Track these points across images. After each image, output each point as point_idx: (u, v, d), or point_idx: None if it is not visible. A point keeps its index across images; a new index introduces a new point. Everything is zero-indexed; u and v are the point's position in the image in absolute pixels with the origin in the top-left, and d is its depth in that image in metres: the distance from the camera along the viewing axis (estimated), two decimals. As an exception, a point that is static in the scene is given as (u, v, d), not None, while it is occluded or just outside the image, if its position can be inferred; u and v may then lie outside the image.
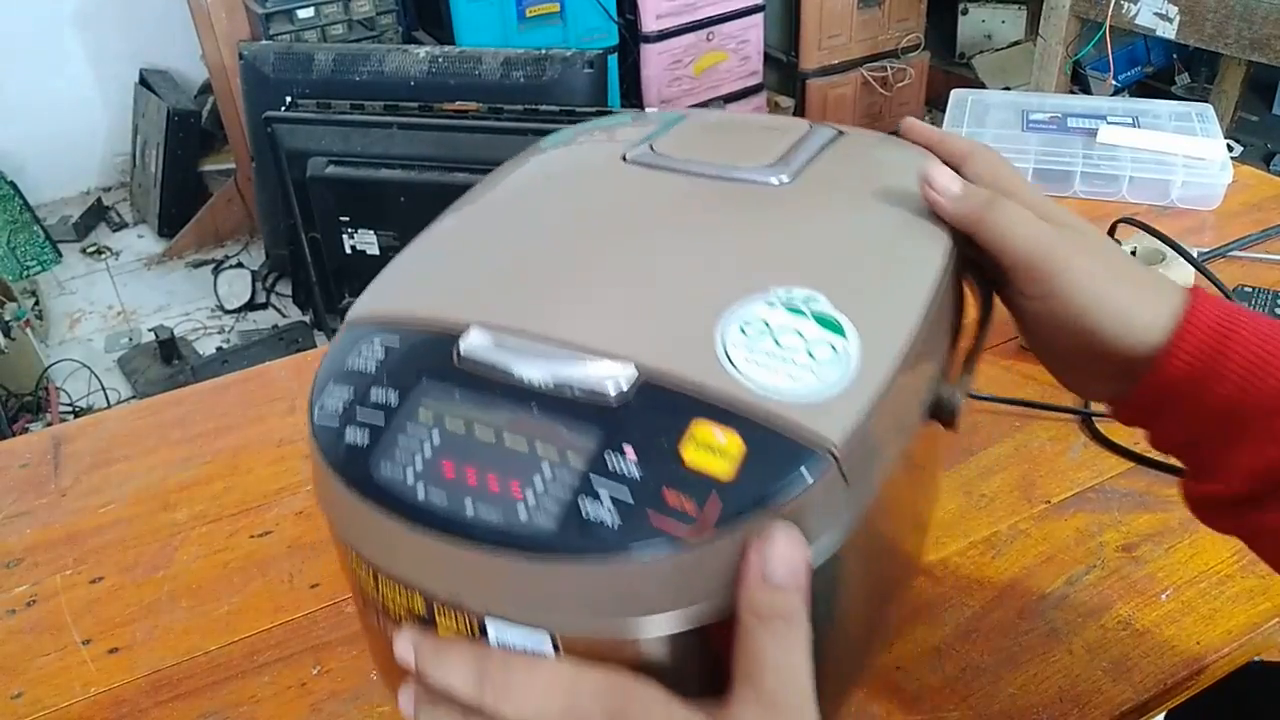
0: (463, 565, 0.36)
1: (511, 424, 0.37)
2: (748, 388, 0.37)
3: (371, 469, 0.37)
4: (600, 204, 0.50)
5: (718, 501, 0.34)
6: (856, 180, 0.50)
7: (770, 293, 0.40)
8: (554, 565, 0.34)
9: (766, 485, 0.35)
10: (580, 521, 0.34)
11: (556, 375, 0.37)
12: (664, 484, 0.34)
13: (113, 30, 2.86)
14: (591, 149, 0.56)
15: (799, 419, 0.36)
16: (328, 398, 0.41)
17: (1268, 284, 0.83)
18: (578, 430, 0.36)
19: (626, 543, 0.34)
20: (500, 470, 0.36)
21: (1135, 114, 1.07)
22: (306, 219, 2.06)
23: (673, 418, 0.36)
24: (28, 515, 0.70)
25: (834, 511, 0.37)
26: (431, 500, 0.36)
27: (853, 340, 0.39)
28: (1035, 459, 0.69)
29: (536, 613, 0.36)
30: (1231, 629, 0.56)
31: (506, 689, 0.35)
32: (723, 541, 0.34)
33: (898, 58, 2.98)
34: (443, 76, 1.99)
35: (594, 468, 0.35)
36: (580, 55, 1.98)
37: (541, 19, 2.44)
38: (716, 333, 0.39)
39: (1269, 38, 2.01)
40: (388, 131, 1.94)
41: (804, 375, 0.37)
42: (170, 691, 0.57)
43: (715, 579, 0.35)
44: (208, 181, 2.81)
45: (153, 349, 2.33)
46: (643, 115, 0.58)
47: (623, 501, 0.34)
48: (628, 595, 0.35)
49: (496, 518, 0.35)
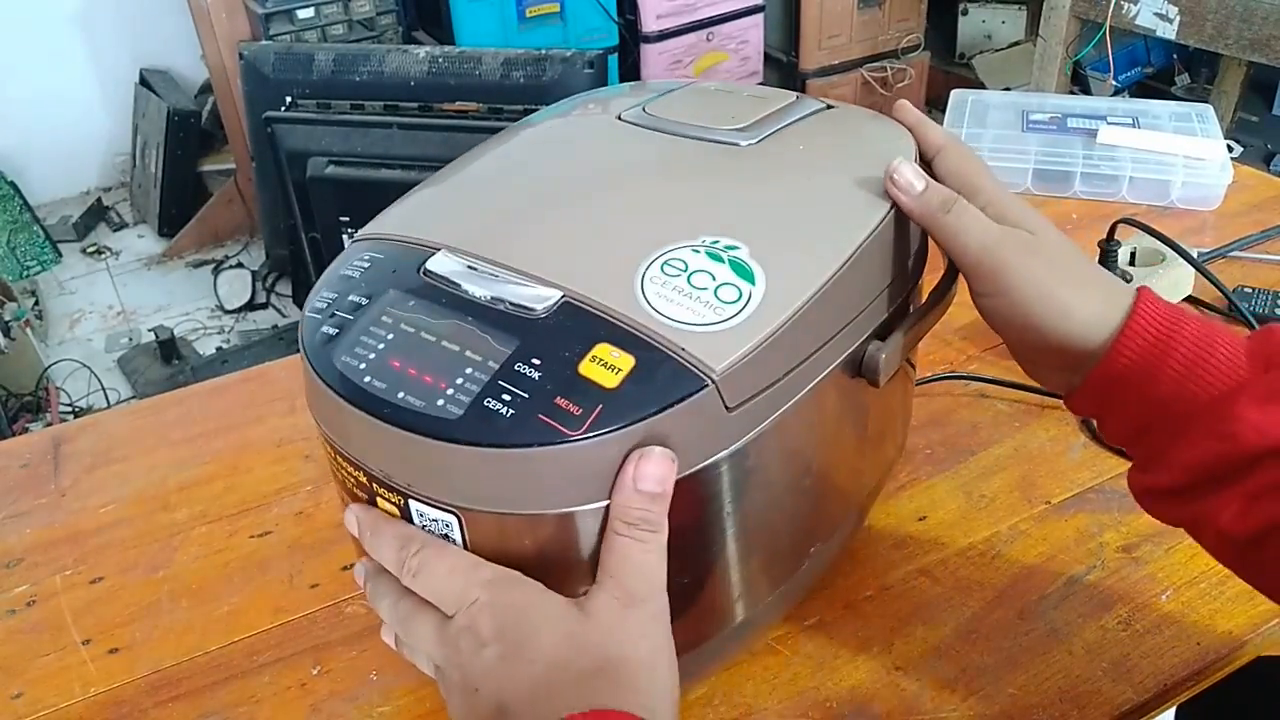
0: (391, 445, 0.42)
1: (451, 330, 0.43)
2: (652, 316, 0.42)
3: (334, 358, 0.44)
4: (584, 156, 0.57)
5: (599, 408, 0.40)
6: (821, 147, 0.55)
7: (700, 239, 0.45)
8: (459, 450, 0.40)
9: (647, 399, 0.40)
10: (482, 413, 0.40)
11: (494, 292, 0.44)
12: (558, 389, 0.40)
13: (113, 30, 2.86)
14: (599, 107, 0.62)
15: (686, 346, 0.41)
16: (317, 298, 0.48)
17: (1268, 284, 0.83)
18: (500, 339, 0.42)
19: (517, 435, 0.40)
20: (434, 367, 0.42)
21: (1135, 114, 1.07)
22: (306, 219, 2.06)
23: (580, 336, 0.42)
24: (28, 515, 0.70)
25: (713, 431, 0.42)
26: (374, 387, 0.42)
27: (759, 287, 0.44)
28: (1035, 459, 0.69)
29: (445, 493, 0.42)
30: (1232, 629, 0.56)
31: (418, 568, 0.42)
32: (602, 442, 0.40)
33: (898, 58, 2.98)
34: (443, 76, 1.99)
35: (504, 370, 0.41)
36: (580, 55, 1.98)
37: (541, 19, 2.44)
38: (640, 269, 0.44)
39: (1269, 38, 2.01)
40: (388, 132, 1.94)
41: (704, 311, 0.42)
42: (170, 691, 0.57)
43: (593, 474, 0.41)
44: (208, 181, 2.81)
45: (153, 349, 2.33)
46: (661, 83, 0.64)
47: (520, 400, 0.40)
48: (519, 482, 0.41)
49: (419, 405, 0.41)
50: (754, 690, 0.55)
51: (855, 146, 0.56)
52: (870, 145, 0.55)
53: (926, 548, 0.63)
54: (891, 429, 0.60)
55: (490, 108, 1.93)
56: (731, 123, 0.55)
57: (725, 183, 0.52)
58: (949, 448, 0.70)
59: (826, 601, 0.60)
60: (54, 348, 2.43)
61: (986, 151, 1.02)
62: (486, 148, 0.59)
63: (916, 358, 0.63)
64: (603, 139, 0.58)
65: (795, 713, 0.54)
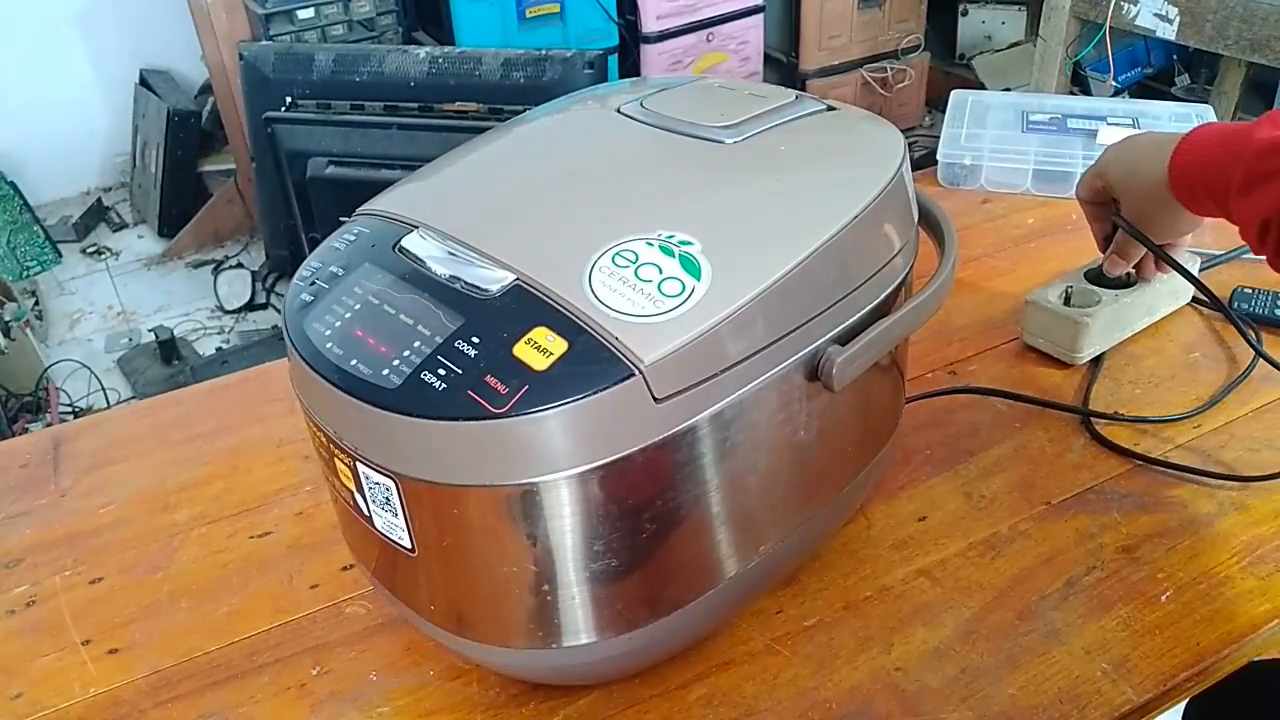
0: (341, 410, 0.45)
1: (408, 304, 0.45)
2: (592, 304, 0.43)
3: (305, 324, 0.47)
4: (572, 148, 0.59)
5: (524, 389, 0.41)
6: (803, 148, 0.56)
7: (656, 233, 0.46)
8: (395, 418, 0.42)
9: (573, 384, 0.41)
10: (418, 385, 0.42)
11: (453, 271, 0.46)
12: (490, 368, 0.42)
13: (113, 30, 2.86)
14: (598, 102, 0.63)
15: (620, 335, 0.42)
16: (305, 266, 0.50)
17: (1268, 285, 0.83)
18: (448, 316, 0.44)
19: (446, 408, 0.41)
20: (388, 338, 0.44)
21: (1135, 115, 1.06)
22: (306, 219, 2.06)
23: (522, 318, 0.43)
24: (28, 515, 0.70)
25: (639, 421, 0.43)
26: (333, 353, 0.45)
27: (704, 283, 0.45)
28: (1035, 460, 0.69)
29: (384, 458, 0.44)
30: (1231, 630, 0.56)
31: None
32: (524, 421, 0.41)
33: (898, 58, 2.98)
34: (443, 77, 1.99)
35: (444, 346, 0.43)
36: (580, 56, 1.98)
37: (542, 19, 2.44)
38: (592, 258, 0.45)
39: (1269, 39, 2.01)
40: (388, 132, 1.94)
41: (644, 303, 0.43)
42: (170, 692, 0.57)
43: (516, 452, 0.42)
44: (208, 182, 2.81)
45: (153, 349, 2.33)
46: (664, 79, 0.65)
47: (453, 375, 0.42)
48: (448, 454, 0.43)
49: (366, 374, 0.43)
50: (754, 690, 0.55)
51: (839, 149, 0.57)
52: (855, 149, 0.56)
53: (926, 548, 0.63)
54: (868, 434, 0.59)
55: (490, 108, 1.93)
56: (719, 120, 0.56)
57: (698, 179, 0.53)
58: (949, 448, 0.70)
59: (826, 602, 0.60)
60: (54, 348, 2.42)
61: (987, 152, 1.02)
62: (487, 137, 0.60)
63: (910, 360, 0.63)
64: (592, 133, 0.59)
65: (795, 713, 0.54)
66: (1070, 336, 0.76)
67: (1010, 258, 0.92)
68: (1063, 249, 0.92)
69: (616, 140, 0.57)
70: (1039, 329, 0.78)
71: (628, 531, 0.47)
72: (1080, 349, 0.76)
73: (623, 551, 0.47)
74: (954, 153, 1.03)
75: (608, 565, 0.47)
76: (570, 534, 0.45)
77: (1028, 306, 0.79)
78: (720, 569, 0.52)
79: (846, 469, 0.58)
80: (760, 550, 0.53)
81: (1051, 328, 0.77)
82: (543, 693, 0.55)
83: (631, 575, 0.49)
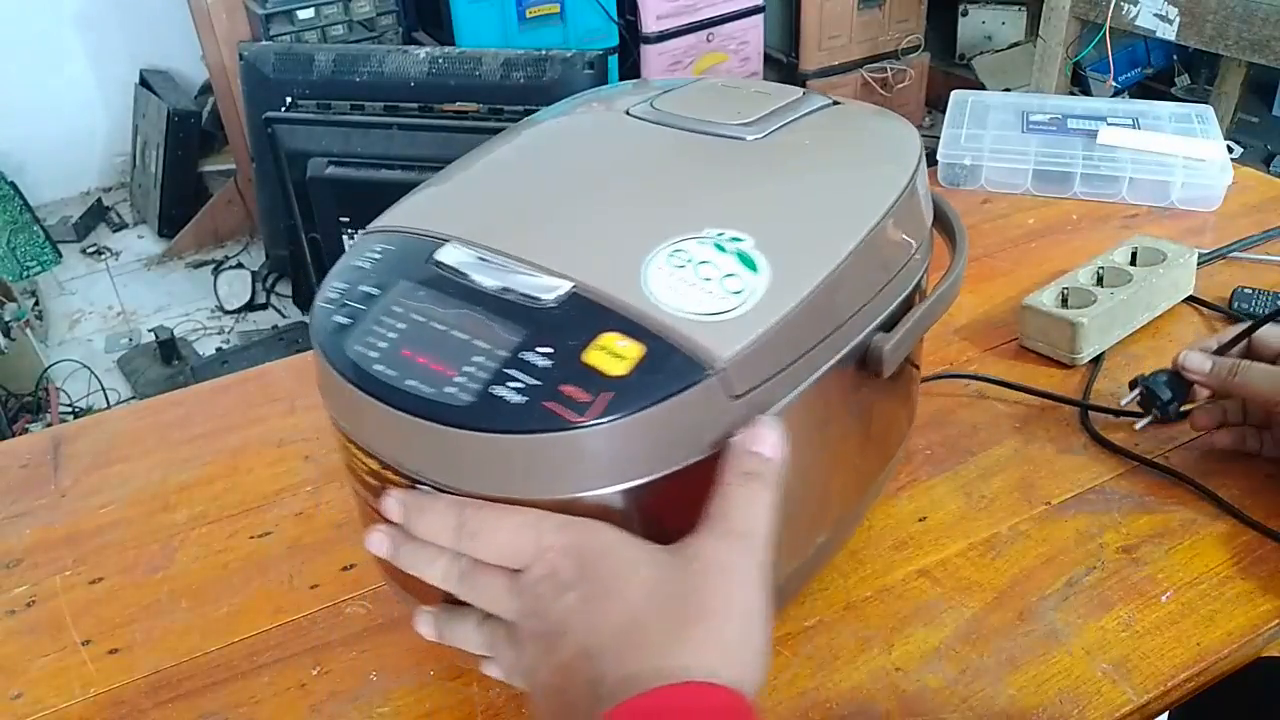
0: (400, 432, 0.43)
1: (460, 319, 0.44)
2: (658, 306, 0.42)
3: (346, 347, 0.45)
4: (592, 150, 0.57)
5: (606, 395, 0.40)
6: (826, 142, 0.56)
7: (706, 232, 0.46)
8: (466, 436, 0.41)
9: (653, 387, 0.41)
10: (490, 400, 0.40)
11: (503, 283, 0.45)
12: (565, 377, 0.41)
13: (113, 31, 2.86)
14: (604, 104, 0.63)
15: (692, 335, 0.42)
16: (328, 289, 0.48)
17: (1268, 285, 0.83)
18: (508, 328, 0.43)
19: (524, 421, 0.40)
20: (443, 355, 0.43)
21: (1135, 115, 1.07)
22: (306, 219, 2.06)
23: (587, 325, 0.42)
24: (28, 515, 0.70)
25: (717, 421, 0.43)
26: (385, 374, 0.43)
27: (763, 278, 0.44)
28: (1035, 460, 0.69)
29: (452, 479, 0.42)
30: (1232, 630, 0.56)
31: (479, 529, 0.41)
32: (609, 429, 0.40)
33: (898, 59, 2.98)
34: (443, 77, 1.98)
35: (512, 358, 0.41)
36: (580, 56, 1.98)
37: (542, 20, 2.44)
38: (646, 260, 0.44)
39: (1269, 39, 2.01)
40: (388, 132, 1.93)
41: (710, 301, 0.43)
42: (170, 692, 0.57)
43: (600, 461, 0.41)
44: (208, 182, 2.81)
45: (153, 349, 2.33)
46: (665, 80, 0.65)
47: (528, 387, 0.40)
48: (526, 469, 0.41)
49: (428, 392, 0.41)
50: (754, 691, 0.55)
51: (859, 141, 0.57)
52: (874, 140, 0.57)
53: (926, 548, 0.63)
54: (895, 425, 0.60)
55: (490, 108, 1.93)
56: (738, 118, 0.56)
57: (731, 176, 0.53)
58: (949, 448, 0.70)
59: (826, 602, 0.60)
60: (54, 348, 2.43)
61: (987, 153, 1.02)
62: (493, 144, 0.59)
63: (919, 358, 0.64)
64: (610, 133, 0.58)
65: (795, 713, 0.54)
66: (1068, 337, 0.76)
67: (1010, 258, 0.92)
68: (1063, 249, 0.92)
69: (636, 142, 0.57)
70: (1037, 332, 0.78)
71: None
72: (1078, 349, 0.76)
73: None
74: (954, 153, 1.03)
75: None
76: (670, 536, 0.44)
77: (1024, 311, 0.79)
78: (781, 566, 0.52)
79: (881, 459, 0.59)
80: (815, 543, 0.54)
81: (1049, 330, 0.77)
82: (543, 693, 0.55)
83: None
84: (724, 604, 0.39)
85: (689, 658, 0.37)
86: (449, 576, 0.43)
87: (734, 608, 0.39)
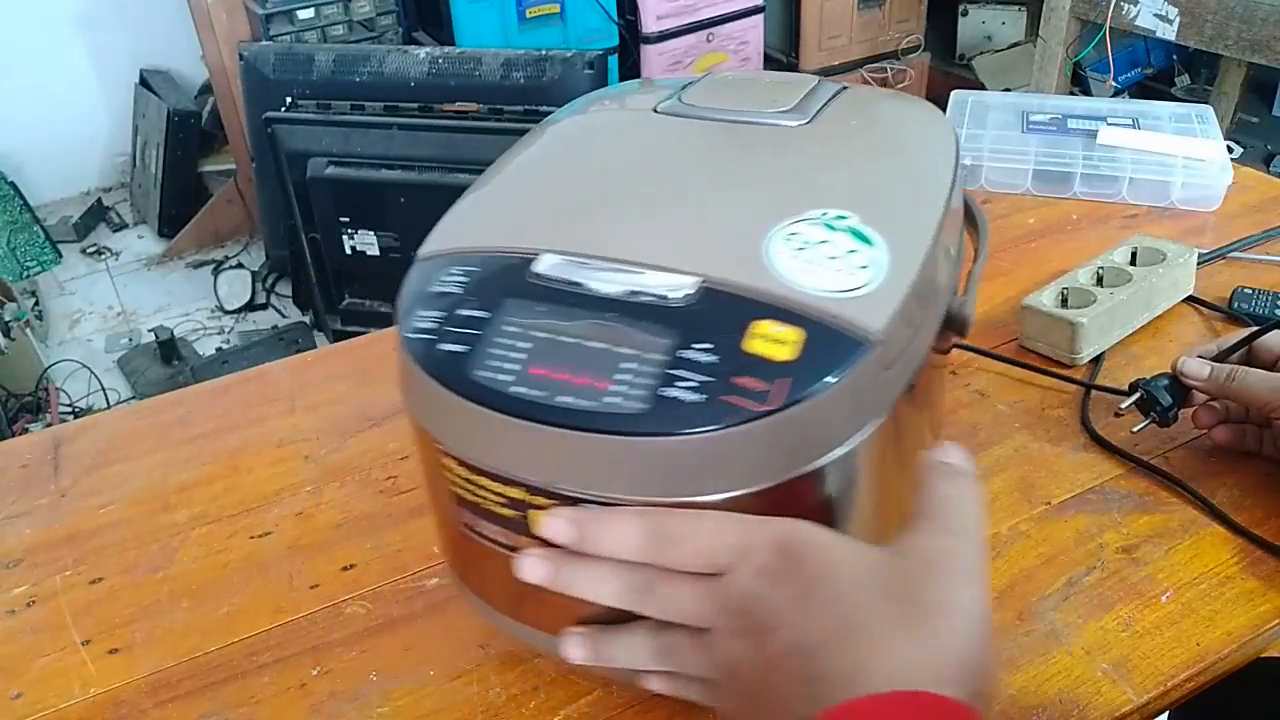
0: (561, 451, 0.41)
1: (592, 329, 0.42)
2: (797, 289, 0.43)
3: (470, 374, 0.43)
4: (638, 148, 0.57)
5: (784, 381, 0.40)
6: (867, 122, 0.58)
7: (807, 213, 0.46)
8: (647, 442, 0.40)
9: (822, 367, 0.41)
10: (666, 403, 0.40)
11: (626, 286, 0.44)
12: (735, 369, 0.40)
13: (113, 31, 2.86)
14: (621, 103, 0.63)
15: (845, 312, 0.42)
16: (414, 319, 0.46)
17: (1268, 285, 0.83)
18: (651, 331, 0.42)
19: (709, 418, 0.39)
20: (585, 367, 0.41)
21: (1135, 115, 1.07)
22: (306, 220, 2.06)
23: (736, 316, 0.42)
24: (28, 515, 0.70)
25: (876, 394, 0.43)
26: (529, 395, 0.41)
27: (881, 250, 0.45)
28: (1035, 460, 0.69)
29: (627, 490, 0.41)
30: (1232, 630, 0.56)
31: (677, 539, 0.40)
32: (793, 414, 0.40)
33: (898, 59, 2.98)
34: (443, 77, 1.99)
35: (672, 359, 0.41)
36: (580, 56, 1.98)
37: (542, 20, 2.44)
38: (763, 245, 0.45)
39: (1269, 39, 2.01)
40: (388, 132, 1.94)
41: (843, 278, 0.43)
42: (170, 692, 0.57)
43: (785, 447, 0.41)
44: (208, 182, 2.81)
45: (153, 349, 2.33)
46: (669, 80, 0.65)
47: (701, 385, 0.40)
48: (712, 466, 0.40)
49: (590, 405, 0.40)
50: (754, 691, 0.55)
51: (893, 120, 0.59)
52: (907, 119, 0.59)
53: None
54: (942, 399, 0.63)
55: (490, 108, 1.93)
56: (775, 106, 0.56)
57: (796, 161, 0.53)
58: (949, 448, 0.70)
59: (826, 602, 0.60)
60: (54, 348, 2.43)
61: (987, 153, 1.02)
62: (521, 151, 0.58)
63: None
64: (651, 130, 0.58)
65: (795, 713, 0.54)
66: (1067, 338, 0.76)
67: (1010, 258, 0.92)
68: (1062, 249, 0.92)
69: (684, 137, 0.56)
70: (1036, 332, 0.78)
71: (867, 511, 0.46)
72: (1078, 349, 0.76)
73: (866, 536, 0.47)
74: (954, 153, 1.03)
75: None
76: (836, 518, 0.45)
77: (1024, 311, 0.79)
78: None
79: (936, 431, 0.60)
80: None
81: (1048, 330, 0.77)
82: (543, 692, 0.55)
83: None
84: (946, 603, 0.37)
85: (911, 659, 0.35)
86: (630, 590, 0.41)
87: (957, 607, 0.37)
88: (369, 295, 2.17)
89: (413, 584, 0.62)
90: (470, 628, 0.59)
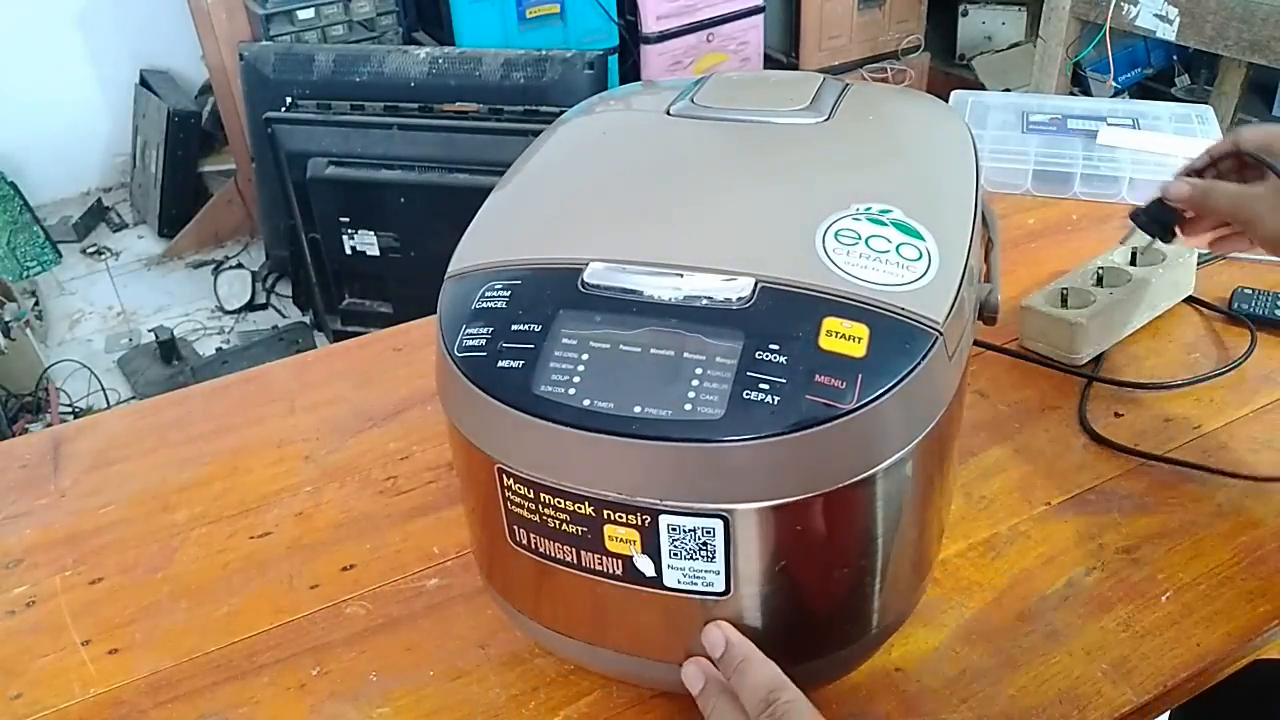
0: (639, 462, 0.40)
1: (654, 337, 0.42)
2: (856, 284, 0.42)
3: (533, 390, 0.41)
4: (661, 151, 0.56)
5: (860, 376, 0.40)
6: (885, 117, 0.58)
7: (852, 208, 0.46)
8: (729, 448, 0.39)
9: (898, 360, 0.41)
10: (745, 407, 0.39)
11: (683, 291, 0.43)
12: (812, 368, 0.40)
13: (113, 31, 2.86)
14: (629, 109, 0.63)
15: (909, 305, 0.42)
16: (464, 337, 0.44)
17: (1268, 285, 0.83)
18: (718, 335, 0.41)
19: (791, 419, 0.39)
20: (655, 375, 0.40)
21: (1135, 116, 1.06)
22: (306, 220, 2.06)
23: (802, 315, 0.41)
24: (28, 515, 0.70)
25: (944, 383, 0.44)
26: (600, 408, 0.40)
27: (931, 242, 0.45)
28: (1035, 461, 0.69)
29: (710, 497, 0.41)
30: (1232, 630, 0.56)
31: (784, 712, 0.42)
32: (875, 408, 0.40)
33: (898, 59, 2.98)
34: (443, 77, 1.99)
35: (746, 362, 0.40)
36: (580, 56, 1.98)
37: (542, 20, 2.44)
38: (815, 242, 0.44)
39: (1269, 40, 2.01)
40: (388, 132, 1.93)
41: (899, 271, 0.43)
42: (170, 692, 0.57)
43: (868, 441, 0.41)
44: (208, 182, 2.81)
45: (153, 349, 2.33)
46: (670, 81, 0.66)
47: (779, 386, 0.39)
48: (796, 467, 0.40)
49: (666, 414, 0.39)
50: (754, 691, 0.55)
51: (909, 114, 0.60)
52: (917, 111, 0.60)
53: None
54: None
55: (490, 108, 1.93)
56: (790, 104, 0.56)
57: (825, 157, 0.53)
58: (949, 448, 0.70)
59: (826, 602, 0.60)
60: (54, 348, 2.42)
61: (987, 152, 1.02)
62: (535, 159, 0.57)
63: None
64: (670, 133, 0.57)
65: (795, 713, 0.54)
66: (1067, 338, 0.76)
67: (1010, 258, 0.92)
68: (1062, 249, 0.92)
69: (706, 138, 0.56)
70: (1036, 333, 0.78)
71: (928, 500, 0.47)
72: (1078, 350, 0.76)
73: (931, 524, 0.48)
74: (954, 153, 1.03)
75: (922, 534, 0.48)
76: (904, 510, 0.45)
77: (1023, 311, 0.79)
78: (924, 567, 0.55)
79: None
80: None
81: (1048, 330, 0.77)
82: (544, 692, 0.55)
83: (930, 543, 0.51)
84: None
85: None
86: None
87: None
88: (369, 295, 2.17)
89: (413, 584, 0.62)
90: (470, 628, 0.59)
